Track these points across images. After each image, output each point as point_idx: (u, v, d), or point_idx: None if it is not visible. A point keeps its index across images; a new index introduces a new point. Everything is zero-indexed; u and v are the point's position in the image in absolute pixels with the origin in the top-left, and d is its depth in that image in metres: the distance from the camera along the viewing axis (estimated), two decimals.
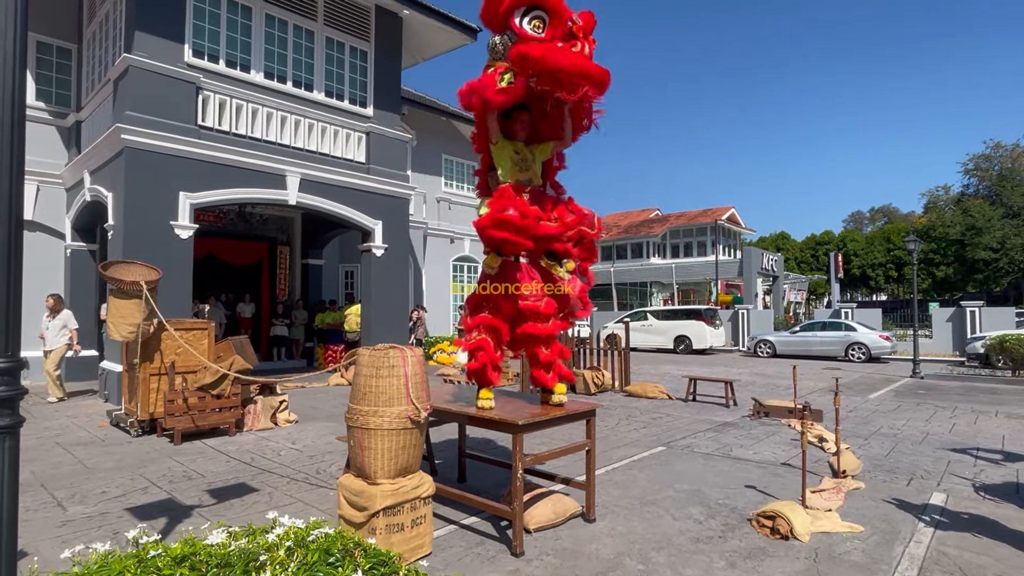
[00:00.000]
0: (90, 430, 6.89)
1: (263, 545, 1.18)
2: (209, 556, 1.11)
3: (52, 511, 4.16)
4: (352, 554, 1.16)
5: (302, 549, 1.14)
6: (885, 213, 68.79)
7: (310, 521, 1.38)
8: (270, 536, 1.22)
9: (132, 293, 6.36)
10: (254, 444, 6.32)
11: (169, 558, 1.09)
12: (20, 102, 2.18)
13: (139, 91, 8.57)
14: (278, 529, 1.25)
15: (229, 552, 1.13)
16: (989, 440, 6.64)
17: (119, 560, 1.06)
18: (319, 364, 14.07)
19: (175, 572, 1.04)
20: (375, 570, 1.13)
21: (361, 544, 1.22)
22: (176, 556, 1.10)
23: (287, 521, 1.32)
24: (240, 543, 1.19)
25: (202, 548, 1.14)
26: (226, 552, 1.13)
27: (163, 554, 1.10)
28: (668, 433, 7.01)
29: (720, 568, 3.28)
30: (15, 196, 2.20)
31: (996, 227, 36.73)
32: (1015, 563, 3.36)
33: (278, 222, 14.81)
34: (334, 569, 1.08)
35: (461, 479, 4.92)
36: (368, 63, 11.76)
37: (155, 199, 8.65)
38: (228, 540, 1.21)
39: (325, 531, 1.25)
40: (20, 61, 2.15)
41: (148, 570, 1.04)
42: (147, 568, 1.05)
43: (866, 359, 17.56)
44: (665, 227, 37.56)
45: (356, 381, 3.42)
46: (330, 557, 1.14)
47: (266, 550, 1.14)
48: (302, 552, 1.13)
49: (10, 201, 2.16)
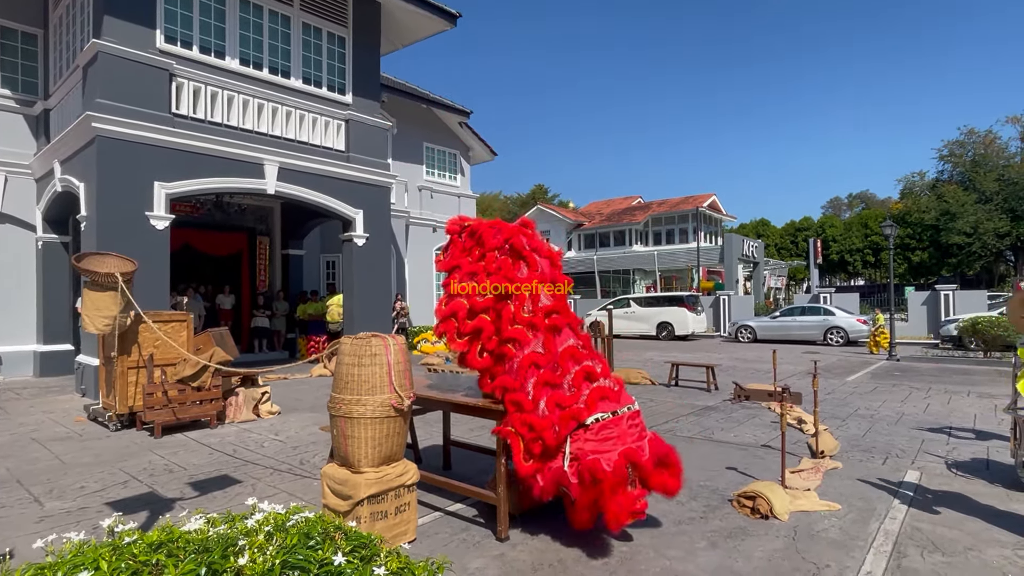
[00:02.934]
0: (67, 425, 6.76)
1: (242, 530, 1.16)
2: (187, 543, 1.09)
3: (29, 507, 4.09)
4: (333, 537, 1.15)
5: (281, 533, 1.13)
6: (862, 199, 69.95)
7: (290, 506, 1.37)
8: (249, 522, 1.21)
9: (107, 285, 6.22)
10: (236, 436, 6.26)
11: (145, 545, 1.07)
12: None
13: (110, 78, 8.35)
14: (257, 515, 1.24)
15: (207, 538, 1.11)
16: (961, 419, 6.83)
17: (93, 549, 1.04)
18: (301, 355, 13.95)
19: (151, 559, 1.02)
20: (356, 552, 1.13)
21: (342, 528, 1.21)
22: (152, 543, 1.08)
23: (267, 507, 1.31)
24: (219, 529, 1.17)
25: (180, 535, 1.12)
26: (204, 538, 1.11)
27: (139, 541, 1.08)
28: (651, 418, 7.08)
29: (702, 548, 3.34)
30: None
31: (969, 212, 37.57)
32: (985, 536, 3.46)
33: (257, 212, 14.59)
34: (314, 552, 1.07)
35: (446, 467, 4.93)
36: (346, 49, 11.56)
37: (129, 189, 8.46)
38: (206, 527, 1.19)
39: (305, 515, 1.25)
40: None
41: (123, 557, 1.02)
42: (122, 555, 1.03)
43: (844, 343, 17.90)
44: (647, 215, 37.71)
45: (338, 370, 3.40)
46: (310, 540, 1.13)
47: (245, 535, 1.13)
48: (281, 536, 1.12)
49: None
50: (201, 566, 0.99)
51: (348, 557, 1.06)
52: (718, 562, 3.16)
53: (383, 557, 1.09)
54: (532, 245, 3.85)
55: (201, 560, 1.00)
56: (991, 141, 40.30)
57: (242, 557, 1.02)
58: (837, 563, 3.13)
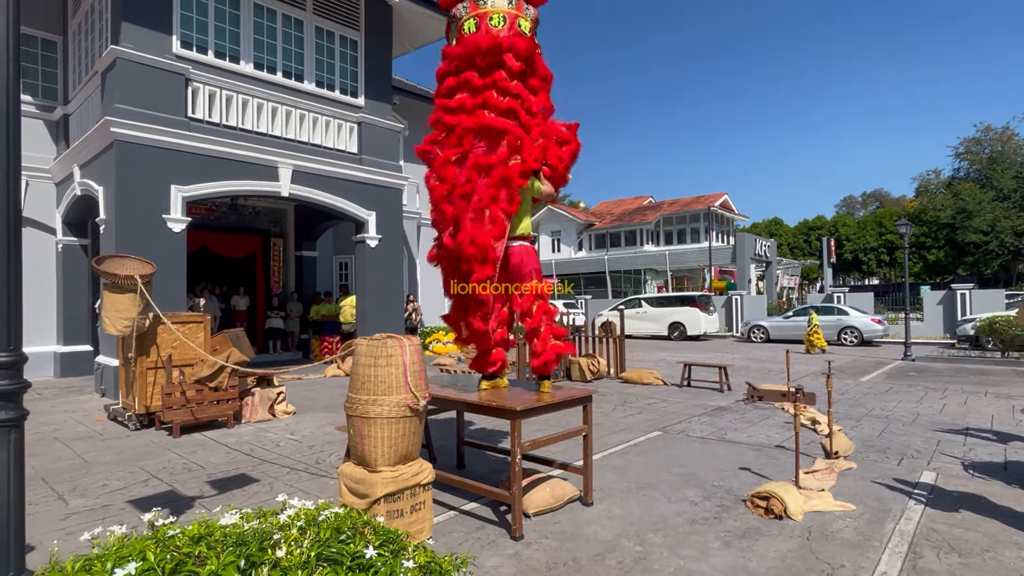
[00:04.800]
0: (88, 424, 6.89)
1: (276, 525, 1.21)
2: (225, 536, 1.14)
3: (54, 504, 4.18)
4: (362, 532, 1.20)
5: (314, 528, 1.18)
6: (877, 198, 69.14)
7: (319, 502, 1.42)
8: (282, 517, 1.26)
9: (127, 287, 6.34)
10: (253, 436, 6.35)
11: (187, 538, 1.12)
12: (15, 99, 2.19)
13: (128, 83, 8.49)
14: (289, 510, 1.29)
15: (243, 531, 1.16)
16: (978, 420, 6.76)
17: (139, 541, 1.09)
18: (315, 356, 14.07)
19: (193, 550, 1.07)
20: (385, 547, 1.17)
21: (370, 523, 1.25)
22: (193, 536, 1.13)
23: (297, 503, 1.36)
24: (252, 524, 1.22)
25: (218, 528, 1.17)
26: (240, 531, 1.16)
27: (181, 534, 1.13)
28: (663, 418, 7.09)
29: (716, 548, 3.35)
30: (13, 195, 2.21)
31: (986, 210, 37.01)
32: (1001, 538, 3.45)
33: (271, 214, 14.74)
34: (345, 545, 1.11)
35: (460, 466, 4.97)
36: (359, 52, 11.67)
37: (147, 192, 8.60)
38: (241, 521, 1.24)
39: (336, 511, 1.29)
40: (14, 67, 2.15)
41: (167, 549, 1.07)
42: (166, 547, 1.08)
43: (858, 343, 17.73)
44: (658, 214, 37.61)
45: (355, 371, 3.45)
46: (341, 535, 1.17)
47: (279, 529, 1.18)
48: (314, 530, 1.16)
49: (8, 199, 2.18)
50: (240, 558, 1.04)
51: (379, 551, 1.11)
52: (732, 562, 3.17)
53: (411, 551, 1.14)
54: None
55: (240, 552, 1.05)
56: (1008, 138, 39.67)
57: (280, 550, 1.06)
58: (852, 563, 3.13)
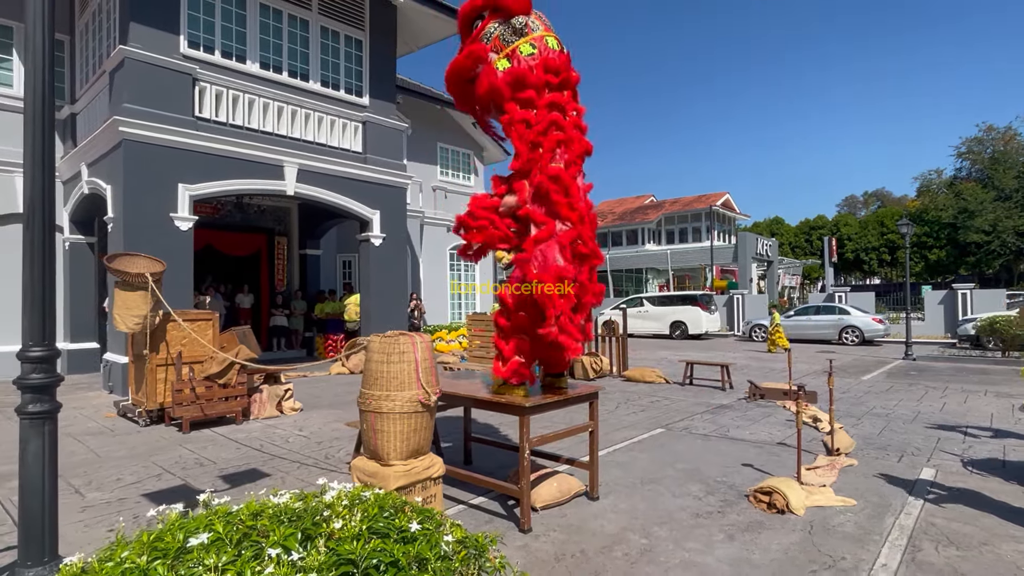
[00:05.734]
0: (98, 420, 6.99)
1: (324, 503, 1.30)
2: (279, 512, 1.23)
3: (71, 497, 4.27)
4: (402, 510, 1.28)
5: (361, 505, 1.27)
6: (878, 197, 69.11)
7: (355, 486, 1.50)
8: (328, 496, 1.34)
9: (137, 285, 6.42)
10: (262, 432, 6.44)
11: (248, 513, 1.21)
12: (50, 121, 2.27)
13: (136, 83, 8.57)
14: (331, 492, 1.37)
15: (295, 508, 1.24)
16: (978, 418, 6.84)
17: (205, 515, 1.18)
18: (319, 354, 14.17)
19: (256, 523, 1.16)
20: (424, 523, 1.26)
21: (408, 502, 1.34)
22: (253, 511, 1.22)
23: (336, 486, 1.44)
24: (299, 504, 1.31)
25: (272, 506, 1.26)
26: (293, 509, 1.24)
27: (242, 509, 1.22)
28: (666, 416, 7.17)
29: (720, 541, 3.43)
30: (48, 206, 2.30)
31: (988, 210, 37.05)
32: (998, 531, 3.53)
33: (275, 212, 14.83)
34: (391, 520, 1.20)
35: (467, 462, 5.05)
36: (363, 52, 11.74)
37: (154, 191, 8.69)
38: (290, 501, 1.33)
39: (376, 491, 1.38)
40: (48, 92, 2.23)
41: (233, 522, 1.15)
42: (230, 521, 1.16)
43: (860, 342, 17.80)
44: (660, 213, 37.67)
45: (368, 367, 3.53)
46: (384, 512, 1.26)
47: (327, 507, 1.26)
48: (361, 507, 1.25)
49: (44, 206, 2.26)
50: (298, 531, 1.12)
51: (422, 525, 1.19)
52: (736, 554, 3.25)
53: (448, 527, 1.22)
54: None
55: (297, 526, 1.13)
56: (1011, 138, 39.69)
57: (336, 522, 1.15)
58: (852, 556, 3.21)
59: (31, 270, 2.25)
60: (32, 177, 2.26)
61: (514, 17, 3.88)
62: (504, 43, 3.90)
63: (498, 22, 3.91)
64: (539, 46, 3.83)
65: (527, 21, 3.91)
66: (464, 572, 1.10)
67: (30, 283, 2.26)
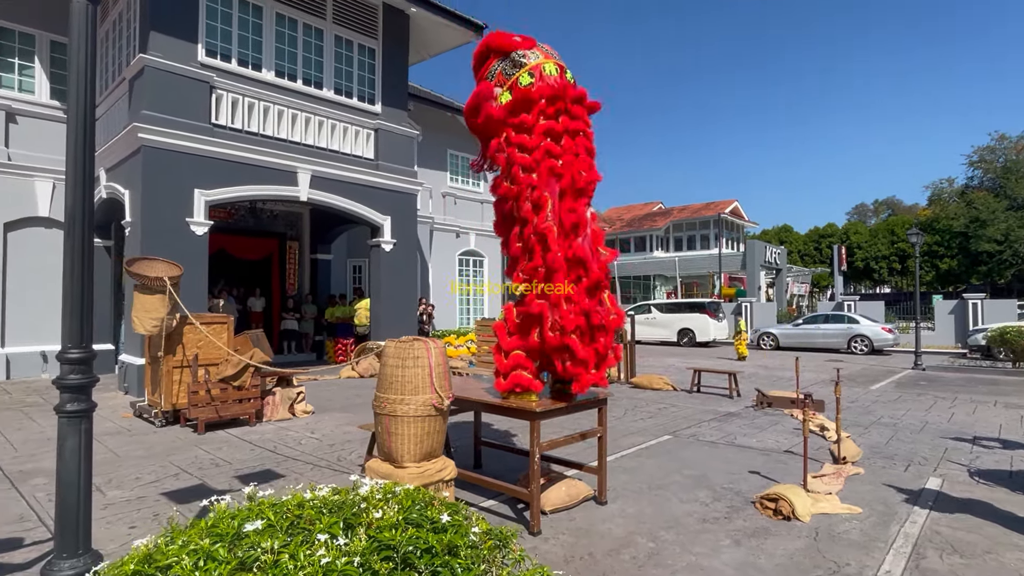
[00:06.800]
0: (115, 421, 7.13)
1: (360, 497, 1.40)
2: (322, 503, 1.33)
3: (92, 495, 4.39)
4: (432, 503, 1.38)
5: (395, 498, 1.37)
6: (889, 205, 68.73)
7: (385, 483, 1.60)
8: (362, 490, 1.44)
9: (156, 288, 6.58)
10: (275, 433, 6.56)
11: (294, 503, 1.31)
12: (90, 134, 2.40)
13: (155, 90, 8.77)
14: (364, 487, 1.47)
15: (335, 500, 1.34)
16: (986, 429, 6.85)
17: (252, 506, 1.28)
18: (329, 357, 14.31)
19: (302, 512, 1.26)
20: (454, 515, 1.35)
21: (436, 497, 1.43)
22: (298, 502, 1.32)
23: (368, 482, 1.54)
24: (336, 498, 1.41)
25: (314, 498, 1.35)
26: (332, 501, 1.35)
27: (288, 500, 1.32)
28: (674, 422, 7.22)
29: (726, 546, 3.50)
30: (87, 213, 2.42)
31: (1000, 219, 36.78)
32: (1003, 540, 3.57)
33: (287, 217, 15.03)
34: (424, 512, 1.30)
35: (477, 465, 5.14)
36: (376, 60, 11.93)
37: (171, 196, 8.87)
38: (329, 494, 1.43)
39: (406, 487, 1.48)
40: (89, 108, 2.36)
41: (281, 511, 1.25)
42: (279, 510, 1.26)
43: (869, 351, 17.74)
44: (668, 221, 37.70)
45: (383, 371, 3.64)
46: (416, 505, 1.36)
47: (363, 500, 1.36)
48: (396, 500, 1.35)
49: (83, 216, 2.39)
50: (340, 519, 1.22)
51: (451, 517, 1.29)
52: (742, 559, 3.32)
53: (475, 519, 1.31)
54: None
55: (339, 516, 1.23)
56: (1023, 147, 39.43)
57: (376, 512, 1.25)
58: (857, 562, 3.27)
59: (71, 277, 2.38)
60: (74, 189, 2.39)
61: (514, 52, 4.04)
62: (506, 77, 4.05)
63: (500, 59, 4.09)
64: (536, 74, 3.97)
65: (526, 52, 4.06)
66: (491, 559, 1.20)
67: (70, 289, 2.39)
